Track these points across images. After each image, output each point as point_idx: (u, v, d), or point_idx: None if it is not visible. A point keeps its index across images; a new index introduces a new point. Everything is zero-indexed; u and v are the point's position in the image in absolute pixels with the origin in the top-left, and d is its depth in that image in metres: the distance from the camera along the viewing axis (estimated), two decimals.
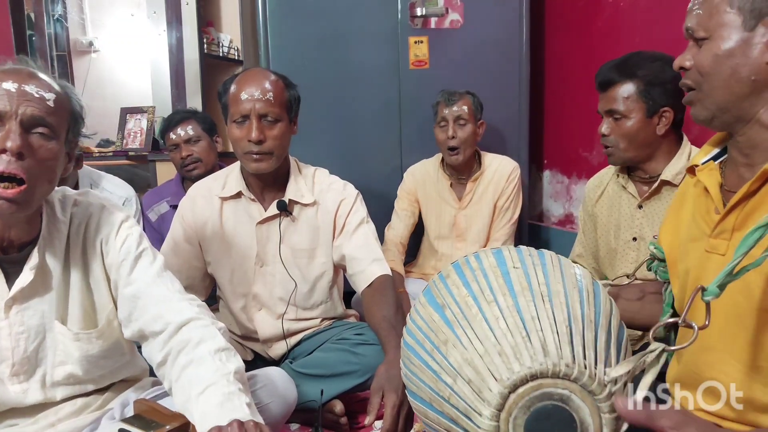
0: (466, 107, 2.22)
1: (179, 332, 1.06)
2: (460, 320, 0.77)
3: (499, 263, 0.83)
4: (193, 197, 1.73)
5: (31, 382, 1.08)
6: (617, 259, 1.65)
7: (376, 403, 1.17)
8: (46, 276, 1.08)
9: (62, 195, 1.13)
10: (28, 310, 1.07)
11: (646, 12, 2.22)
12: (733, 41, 0.86)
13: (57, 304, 1.09)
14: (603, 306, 0.80)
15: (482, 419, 0.70)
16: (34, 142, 0.97)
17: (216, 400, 0.94)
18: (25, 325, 1.06)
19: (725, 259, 0.89)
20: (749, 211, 0.88)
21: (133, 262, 1.12)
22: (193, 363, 1.01)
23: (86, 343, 1.10)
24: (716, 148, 1.01)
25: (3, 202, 0.94)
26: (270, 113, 1.57)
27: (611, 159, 1.61)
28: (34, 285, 1.06)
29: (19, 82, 0.96)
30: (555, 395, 0.69)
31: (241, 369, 1.03)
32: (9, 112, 0.94)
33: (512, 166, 2.35)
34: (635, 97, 1.51)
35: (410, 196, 2.38)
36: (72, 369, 1.10)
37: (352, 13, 2.45)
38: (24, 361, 1.07)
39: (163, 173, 3.04)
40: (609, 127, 1.56)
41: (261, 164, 1.59)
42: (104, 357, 1.13)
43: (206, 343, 1.03)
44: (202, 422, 0.92)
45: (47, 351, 1.09)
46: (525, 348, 0.71)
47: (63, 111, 1.02)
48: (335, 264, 1.73)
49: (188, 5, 3.36)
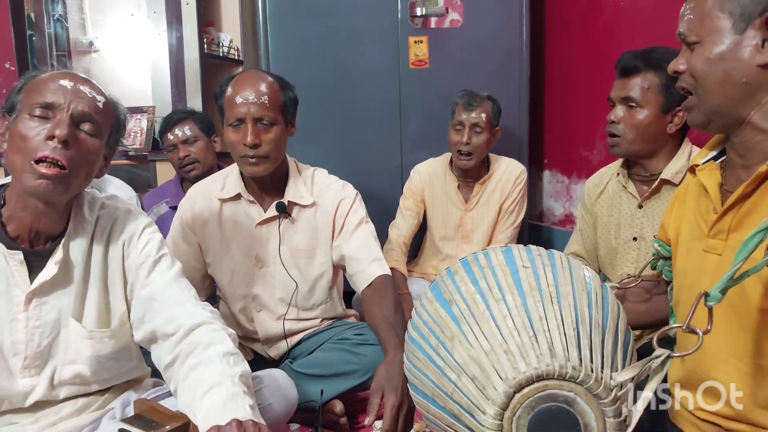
0: (484, 115, 2.19)
1: (190, 335, 1.09)
2: (467, 317, 0.77)
3: (509, 262, 0.83)
4: (193, 198, 1.73)
5: (41, 377, 1.09)
6: (617, 259, 1.65)
7: (376, 404, 1.17)
8: (69, 272, 1.11)
9: (92, 197, 1.18)
10: (46, 305, 1.09)
11: (646, 12, 2.22)
12: (724, 45, 0.87)
13: (74, 301, 1.11)
14: (611, 309, 0.80)
15: (485, 417, 0.70)
16: (80, 135, 1.05)
17: (219, 400, 0.96)
18: (42, 320, 1.09)
19: (722, 259, 0.90)
20: (745, 212, 0.88)
21: (152, 265, 1.16)
22: (201, 365, 1.03)
23: (98, 342, 1.12)
24: (717, 149, 1.01)
25: (42, 181, 1.00)
26: (265, 117, 1.56)
27: (615, 150, 1.57)
28: (56, 280, 1.09)
29: (74, 82, 1.06)
30: (560, 397, 0.69)
31: (247, 372, 1.05)
32: (62, 105, 1.03)
33: (520, 169, 2.35)
34: (655, 90, 1.49)
35: (416, 196, 2.38)
36: (80, 369, 1.11)
37: (352, 13, 2.45)
38: (37, 355, 1.09)
39: (163, 173, 3.04)
40: (620, 115, 1.53)
41: (257, 168, 1.58)
42: (113, 359, 1.15)
43: (215, 346, 1.06)
44: (204, 421, 0.93)
45: (59, 348, 1.11)
46: (532, 348, 0.71)
47: (109, 115, 1.12)
48: (334, 264, 1.73)
49: (188, 5, 3.36)
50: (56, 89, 1.04)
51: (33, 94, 1.04)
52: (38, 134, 1.01)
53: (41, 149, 1.00)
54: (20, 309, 1.07)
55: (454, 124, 2.24)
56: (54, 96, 1.03)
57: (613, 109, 1.55)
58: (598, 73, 2.45)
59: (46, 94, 1.03)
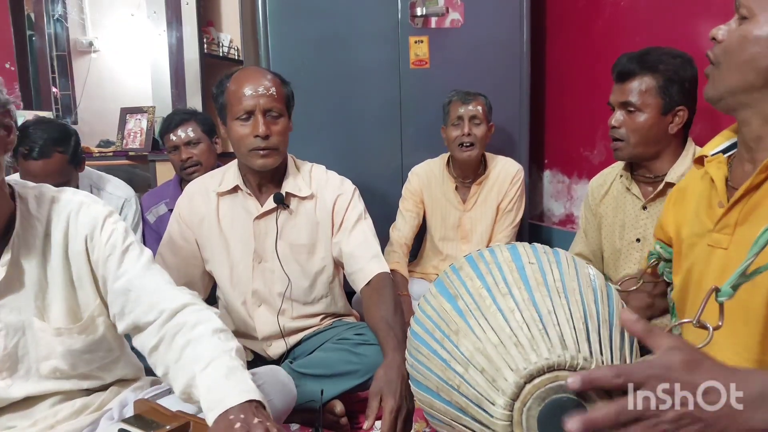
0: (480, 108, 2.22)
1: (174, 317, 1.07)
2: (474, 311, 0.77)
3: (514, 258, 0.83)
4: (190, 195, 1.73)
5: (14, 378, 1.08)
6: (621, 260, 1.65)
7: (375, 407, 1.17)
8: (21, 273, 1.07)
9: (38, 192, 1.12)
10: (5, 308, 1.06)
11: (646, 12, 2.22)
12: (765, 30, 0.85)
13: (35, 300, 1.08)
14: (616, 307, 0.80)
15: (495, 408, 0.70)
16: None
17: (221, 372, 0.95)
18: (3, 322, 1.06)
19: (727, 253, 0.89)
20: (752, 206, 0.88)
21: (120, 256, 1.11)
22: (192, 342, 1.02)
23: (68, 338, 1.10)
24: (726, 141, 1.00)
25: None
26: (274, 108, 1.57)
27: (618, 153, 1.57)
28: (9, 281, 1.05)
29: None
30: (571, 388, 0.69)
31: (240, 348, 1.03)
32: None
33: (516, 168, 2.35)
34: (653, 92, 1.49)
35: (415, 197, 2.38)
36: (57, 363, 1.10)
37: (353, 13, 2.45)
38: (5, 357, 1.07)
39: (163, 173, 3.04)
40: (621, 119, 1.53)
41: (268, 160, 1.58)
42: (88, 351, 1.12)
43: (203, 324, 1.04)
44: (207, 395, 0.93)
45: (29, 347, 1.08)
46: (542, 340, 0.71)
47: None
48: (334, 259, 1.73)
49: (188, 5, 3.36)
50: None
51: None
52: None
53: None
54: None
55: (451, 120, 2.24)
56: None
57: (613, 114, 1.55)
58: (599, 73, 2.44)
59: None
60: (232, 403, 0.90)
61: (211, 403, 0.92)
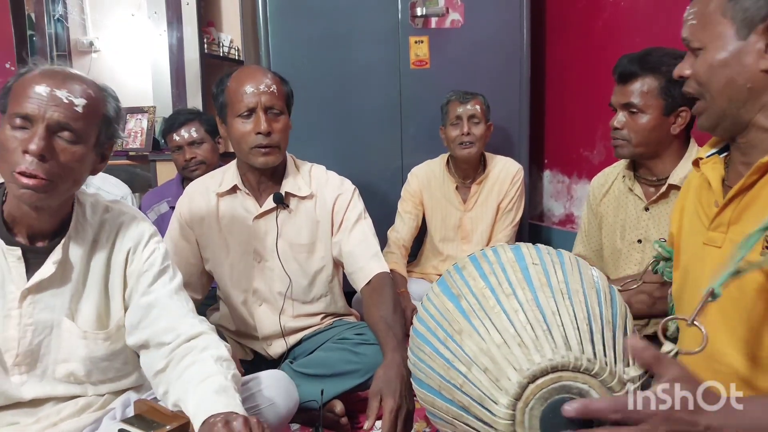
0: (478, 107, 2.24)
1: (187, 343, 1.11)
2: (477, 311, 0.77)
3: (518, 258, 0.83)
4: (191, 195, 1.74)
5: (31, 375, 1.10)
6: (621, 260, 1.65)
7: (375, 407, 1.17)
8: (67, 272, 1.11)
9: (95, 200, 1.18)
10: (40, 303, 1.09)
11: (646, 12, 2.22)
12: (728, 51, 0.87)
13: (69, 301, 1.11)
14: (619, 308, 0.81)
15: (498, 407, 0.71)
16: (58, 145, 1.02)
17: (213, 388, 0.98)
18: (34, 318, 1.09)
19: (722, 252, 0.91)
20: (745, 205, 0.89)
21: (156, 275, 1.17)
22: (196, 364, 1.05)
23: (93, 342, 1.13)
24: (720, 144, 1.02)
25: (25, 191, 1.00)
26: (275, 105, 1.58)
27: (619, 151, 1.56)
28: (53, 279, 1.09)
29: (51, 87, 1.01)
30: (573, 389, 0.70)
31: (238, 377, 1.07)
32: (37, 116, 1.00)
33: (516, 168, 2.35)
34: (655, 93, 1.48)
35: (414, 199, 2.38)
36: (74, 368, 1.12)
37: (353, 13, 2.45)
38: (27, 353, 1.09)
39: (163, 173, 3.04)
40: (623, 121, 1.52)
41: (269, 158, 1.59)
42: (108, 360, 1.15)
43: (210, 350, 1.08)
44: (196, 408, 0.96)
45: (51, 347, 1.11)
46: (546, 341, 0.71)
47: (93, 116, 1.06)
48: (334, 259, 1.73)
49: (189, 5, 3.36)
50: (32, 97, 1.00)
51: (13, 102, 1.01)
52: (17, 146, 0.99)
53: (20, 163, 0.98)
54: (14, 306, 1.07)
55: (450, 120, 2.25)
56: (30, 106, 0.99)
57: (615, 115, 1.55)
58: (599, 73, 2.45)
59: (24, 103, 1.00)
60: (216, 411, 0.93)
61: (197, 411, 0.95)
